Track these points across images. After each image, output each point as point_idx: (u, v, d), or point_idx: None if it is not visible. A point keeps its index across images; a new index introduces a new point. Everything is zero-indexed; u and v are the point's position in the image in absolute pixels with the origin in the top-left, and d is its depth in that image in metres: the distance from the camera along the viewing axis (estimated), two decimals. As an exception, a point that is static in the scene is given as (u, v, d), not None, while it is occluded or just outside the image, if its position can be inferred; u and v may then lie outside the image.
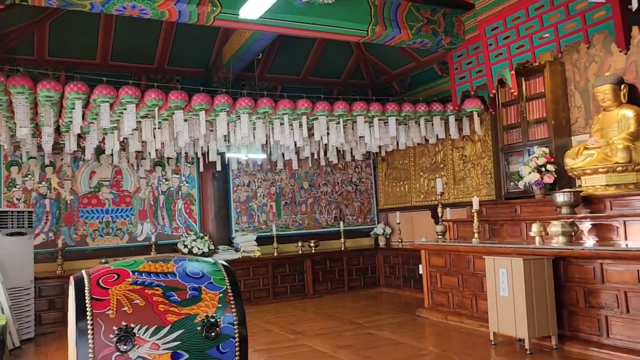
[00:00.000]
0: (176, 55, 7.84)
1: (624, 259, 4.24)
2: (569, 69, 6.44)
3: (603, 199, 5.20)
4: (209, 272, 2.54)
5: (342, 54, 8.98)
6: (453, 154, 8.30)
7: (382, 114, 6.77)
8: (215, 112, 5.83)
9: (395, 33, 6.29)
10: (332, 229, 9.59)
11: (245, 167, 8.94)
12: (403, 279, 8.83)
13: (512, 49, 5.65)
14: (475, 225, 6.05)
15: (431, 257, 6.55)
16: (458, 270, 6.07)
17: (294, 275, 8.66)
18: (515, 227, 5.94)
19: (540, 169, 6.12)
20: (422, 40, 6.50)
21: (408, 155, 9.33)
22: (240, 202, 8.90)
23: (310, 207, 9.48)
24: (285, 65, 8.60)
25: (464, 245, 5.93)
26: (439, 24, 6.60)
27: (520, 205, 6.15)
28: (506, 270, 4.82)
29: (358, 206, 9.96)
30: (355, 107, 6.51)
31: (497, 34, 5.82)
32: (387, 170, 9.92)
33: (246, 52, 7.03)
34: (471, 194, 7.85)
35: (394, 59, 8.82)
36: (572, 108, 6.43)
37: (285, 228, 9.22)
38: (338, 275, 9.02)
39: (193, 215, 8.55)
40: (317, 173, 9.59)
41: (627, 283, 4.28)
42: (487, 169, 7.60)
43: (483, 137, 7.69)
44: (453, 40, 6.71)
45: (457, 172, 8.14)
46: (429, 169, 8.84)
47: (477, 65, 6.63)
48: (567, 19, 5.01)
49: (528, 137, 6.64)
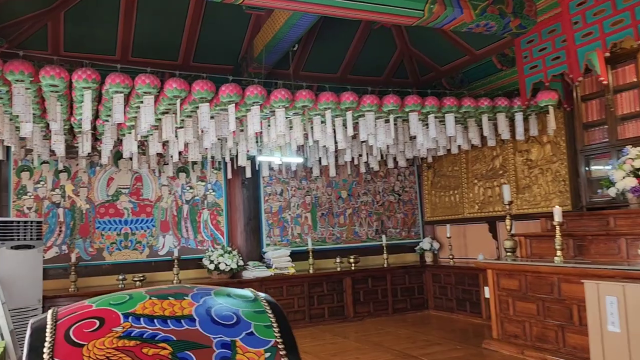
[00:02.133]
0: (203, 50, 7.03)
1: None
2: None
3: None
4: (247, 315, 1.59)
5: (385, 49, 8.06)
6: (515, 158, 7.25)
7: (439, 110, 5.79)
8: (246, 106, 4.95)
9: (456, 14, 5.33)
10: (373, 243, 8.60)
11: (277, 174, 8.05)
12: (457, 302, 7.76)
13: (605, 26, 4.63)
14: (558, 241, 5.00)
15: (500, 279, 5.50)
16: (537, 296, 5.02)
17: (332, 295, 7.69)
18: (610, 244, 4.86)
19: (638, 172, 5.06)
20: (487, 22, 5.51)
21: (459, 161, 8.30)
22: (272, 213, 7.99)
23: (349, 219, 8.52)
24: (322, 61, 7.71)
25: (547, 265, 4.88)
26: (506, 4, 5.61)
27: (613, 216, 5.08)
28: (617, 299, 3.77)
29: (401, 218, 8.95)
30: (408, 102, 5.54)
31: (585, 10, 4.81)
32: (434, 179, 8.90)
33: (280, 41, 6.15)
34: (539, 204, 6.80)
35: (444, 53, 7.85)
36: (672, 100, 5.36)
37: (321, 242, 8.27)
38: (381, 296, 8.02)
39: (220, 227, 7.68)
40: (356, 181, 8.63)
41: None
42: (560, 175, 6.53)
43: (554, 138, 6.63)
44: (523, 23, 5.71)
45: (521, 180, 7.08)
46: (485, 175, 7.80)
47: (553, 51, 5.60)
48: (687, -17, 4.00)
49: (617, 136, 5.57)
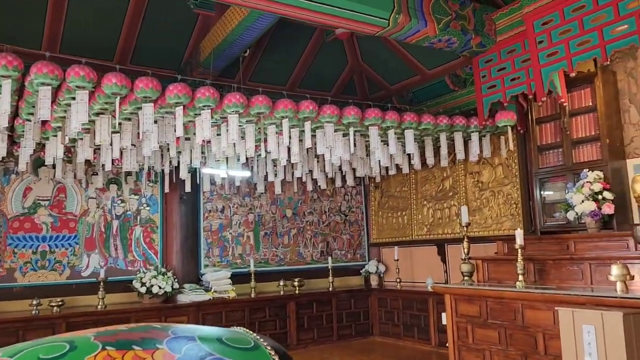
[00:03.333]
0: (142, 51, 6.41)
1: None
2: (621, 79, 5.42)
3: (700, 234, 4.08)
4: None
5: (336, 64, 7.80)
6: (466, 179, 7.13)
7: (398, 126, 5.52)
8: (195, 109, 4.43)
9: (420, 26, 5.12)
10: (318, 265, 8.18)
11: (219, 189, 7.47)
12: (404, 327, 7.47)
13: (571, 46, 4.56)
14: (520, 265, 4.81)
15: (459, 304, 5.24)
16: (499, 323, 4.78)
17: (275, 321, 7.17)
18: (573, 269, 4.72)
19: (596, 196, 4.99)
20: (450, 38, 5.35)
21: (408, 181, 8.12)
22: (211, 231, 7.39)
23: (294, 239, 8.06)
24: (270, 72, 7.29)
25: (511, 290, 4.66)
26: (468, 21, 5.49)
27: (573, 240, 4.97)
28: (594, 328, 3.57)
29: (347, 239, 8.61)
30: (368, 115, 5.24)
31: (550, 29, 4.73)
32: (382, 199, 8.66)
33: (231, 45, 5.69)
34: (490, 227, 6.69)
35: (395, 71, 7.70)
36: (625, 125, 5.39)
37: (264, 263, 7.74)
38: (326, 321, 7.59)
39: (154, 245, 6.98)
40: (302, 200, 8.22)
41: None
42: (512, 198, 6.45)
43: (505, 160, 6.56)
44: (483, 41, 5.60)
45: (472, 202, 6.95)
46: (435, 197, 7.64)
47: (512, 71, 5.52)
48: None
49: (572, 160, 5.53)
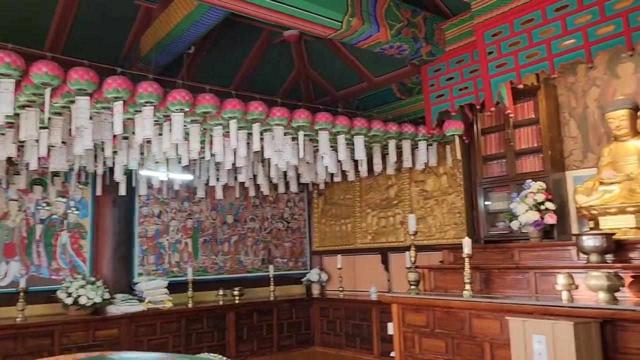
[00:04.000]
0: (76, 41, 5.91)
1: None
2: (562, 94, 5.60)
3: (639, 245, 4.21)
4: None
5: (283, 67, 7.61)
6: (411, 188, 7.14)
7: (348, 131, 5.41)
8: (136, 106, 4.10)
9: (372, 30, 5.04)
10: (259, 273, 7.92)
11: (156, 193, 7.06)
12: (346, 337, 7.34)
13: (520, 58, 4.63)
14: (467, 274, 4.81)
15: (406, 314, 5.17)
16: (447, 332, 4.74)
17: (213, 333, 6.83)
18: (519, 278, 4.77)
19: (539, 206, 5.10)
20: (401, 45, 5.31)
21: (352, 189, 8.04)
22: (147, 237, 6.96)
23: (234, 247, 7.76)
24: (215, 72, 6.98)
25: (460, 300, 4.63)
26: (419, 29, 5.49)
27: (518, 249, 5.04)
28: (545, 337, 3.57)
29: (289, 247, 8.40)
30: (319, 119, 5.09)
31: (500, 40, 4.79)
32: (325, 206, 8.53)
33: (176, 40, 5.39)
34: (434, 236, 6.71)
35: (341, 77, 7.61)
36: (565, 138, 5.56)
37: (203, 272, 7.39)
38: (267, 332, 7.33)
39: (82, 253, 6.46)
40: (243, 205, 7.94)
41: None
42: (456, 207, 6.49)
43: (450, 170, 6.62)
44: (433, 50, 5.62)
45: (416, 210, 6.95)
46: (380, 205, 7.59)
47: (460, 81, 5.57)
48: (603, 21, 4.08)
49: (516, 170, 5.64)
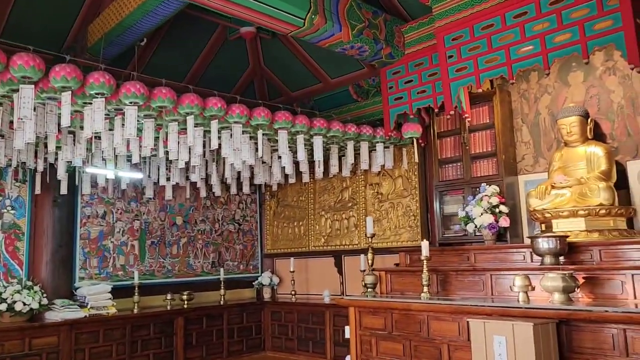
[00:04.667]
0: (16, 26, 5.51)
1: (667, 324, 3.29)
2: (515, 100, 5.75)
3: (590, 247, 4.34)
4: None
5: (237, 64, 7.42)
6: (366, 191, 7.13)
7: (308, 131, 5.32)
8: (85, 97, 3.83)
9: (335, 30, 4.98)
10: (209, 277, 7.67)
11: (101, 193, 6.68)
12: (298, 341, 7.22)
13: (480, 63, 4.69)
14: (425, 276, 4.81)
15: (363, 317, 5.11)
16: (405, 335, 4.72)
17: (160, 339, 6.53)
18: (475, 280, 4.82)
19: (494, 210, 5.19)
20: (362, 45, 5.28)
21: (306, 191, 7.95)
22: (90, 239, 6.57)
23: (184, 249, 7.47)
24: (166, 66, 6.67)
25: (419, 302, 4.62)
26: (380, 30, 5.47)
27: (474, 252, 5.10)
28: (505, 339, 3.60)
29: (240, 250, 8.20)
30: (278, 118, 4.96)
31: (460, 44, 4.84)
32: (277, 208, 8.39)
33: (127, 31, 5.11)
34: (389, 239, 6.73)
35: (297, 77, 7.52)
36: (518, 143, 5.70)
37: (150, 275, 7.06)
38: (216, 337, 7.09)
39: (19, 255, 6.01)
40: (194, 207, 7.66)
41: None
42: (411, 210, 6.53)
43: (405, 173, 6.65)
44: (393, 52, 5.62)
45: (371, 213, 6.94)
46: (333, 208, 7.54)
47: (419, 84, 5.59)
48: (560, 29, 4.19)
49: (471, 174, 5.72)
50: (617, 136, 5.00)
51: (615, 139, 5.01)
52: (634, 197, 4.80)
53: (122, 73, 5.12)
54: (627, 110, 4.96)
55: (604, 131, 5.08)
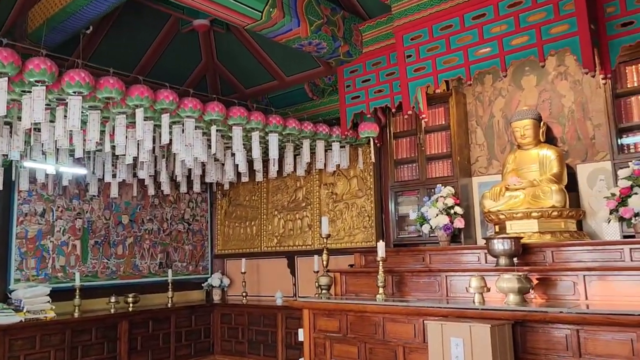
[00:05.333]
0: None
1: (618, 325, 3.34)
2: (470, 102, 5.80)
3: (543, 248, 4.40)
4: None
5: (189, 58, 7.16)
6: (320, 190, 7.03)
7: (263, 128, 5.16)
8: (24, 85, 3.53)
9: (293, 25, 4.86)
10: (156, 278, 7.36)
11: (40, 189, 6.26)
12: (249, 344, 7.04)
13: (438, 63, 4.68)
14: (381, 277, 4.75)
15: (317, 319, 5.00)
16: (360, 337, 4.64)
17: (103, 345, 6.19)
18: (430, 281, 4.80)
19: (449, 211, 5.20)
20: (320, 42, 5.18)
21: (259, 190, 7.77)
22: (27, 238, 6.14)
23: (129, 249, 7.13)
24: (115, 56, 6.34)
25: (375, 304, 4.55)
26: (338, 27, 5.39)
27: (429, 253, 5.08)
28: (462, 340, 3.57)
29: (189, 250, 7.92)
30: (233, 113, 4.78)
31: (419, 44, 4.81)
32: (229, 208, 8.17)
33: (72, 17, 4.78)
34: (343, 239, 6.66)
35: (251, 74, 7.33)
36: (472, 145, 5.75)
37: (92, 277, 6.69)
38: (163, 341, 6.81)
39: (-55, 256, 5.55)
40: (141, 205, 7.33)
41: (612, 356, 3.38)
42: (365, 210, 6.48)
43: (361, 173, 6.60)
44: (350, 50, 5.55)
45: (325, 213, 6.84)
46: (287, 207, 7.40)
47: (376, 83, 5.55)
48: (517, 32, 4.23)
49: (426, 175, 5.73)
50: (568, 140, 5.12)
51: (565, 143, 5.13)
52: (582, 199, 4.92)
53: (66, 61, 4.79)
54: (577, 115, 5.08)
55: (555, 135, 5.19)
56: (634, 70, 4.58)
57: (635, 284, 3.83)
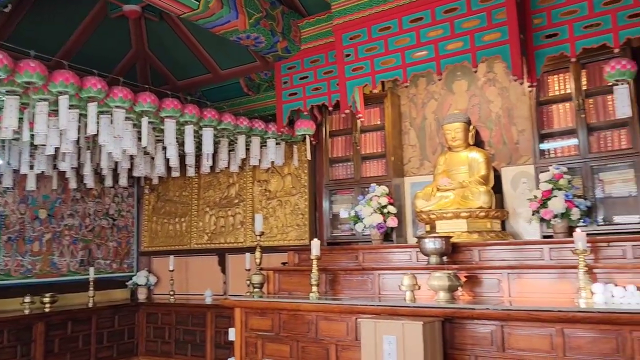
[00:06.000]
0: None
1: (539, 320, 3.52)
2: (404, 104, 5.92)
3: (470, 247, 4.57)
4: None
5: (119, 44, 6.80)
6: (254, 187, 6.92)
7: (197, 122, 4.99)
8: None
9: (231, 16, 4.74)
10: (77, 277, 6.95)
11: (-55, 180, 5.73)
12: (176, 345, 6.81)
13: (376, 64, 4.73)
14: (315, 276, 4.75)
15: (249, 318, 4.91)
16: (292, 336, 4.61)
17: (15, 348, 5.77)
18: (363, 279, 4.86)
19: (383, 210, 5.28)
20: (258, 36, 5.09)
21: (190, 186, 7.54)
22: None
23: (47, 246, 6.68)
24: (36, 38, 5.87)
25: (309, 302, 4.53)
26: (277, 22, 5.32)
27: (362, 251, 5.14)
28: (395, 338, 3.63)
29: (114, 247, 7.55)
30: (166, 105, 4.59)
31: (358, 44, 4.84)
32: (157, 203, 7.87)
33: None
34: (275, 237, 6.59)
35: (185, 65, 7.09)
36: (405, 146, 5.87)
37: (5, 276, 6.20)
38: (83, 343, 6.44)
39: None
40: (61, 199, 6.89)
41: (534, 350, 3.56)
42: (299, 208, 6.45)
43: (295, 170, 6.56)
44: (289, 46, 5.50)
45: (258, 210, 6.75)
46: (219, 204, 7.22)
47: (314, 81, 5.53)
48: (452, 37, 4.35)
49: (361, 174, 5.78)
50: (494, 144, 5.35)
51: (492, 146, 5.35)
52: (506, 201, 5.16)
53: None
54: (504, 120, 5.32)
55: (483, 138, 5.40)
56: (556, 79, 4.85)
57: (554, 282, 4.07)
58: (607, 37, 4.07)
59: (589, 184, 4.52)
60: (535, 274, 4.15)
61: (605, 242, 4.11)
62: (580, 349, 3.38)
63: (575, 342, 3.40)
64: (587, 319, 3.36)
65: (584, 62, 4.64)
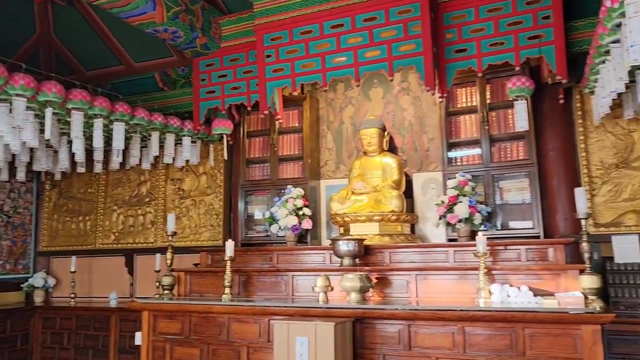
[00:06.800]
0: None
1: (442, 319, 3.70)
2: (322, 107, 6.01)
3: (382, 249, 4.72)
4: None
5: (21, 28, 6.32)
6: (166, 186, 6.69)
7: (108, 116, 4.75)
8: None
9: (148, 7, 4.57)
10: (-37, 278, 6.35)
11: None
12: (75, 350, 6.40)
13: (296, 67, 4.76)
14: (228, 277, 4.69)
15: (158, 321, 4.74)
16: (203, 339, 4.51)
17: None
18: (276, 280, 4.85)
19: (298, 212, 5.32)
20: (177, 30, 4.95)
21: (97, 182, 7.15)
22: None
23: None
24: None
25: (222, 304, 4.45)
26: (197, 18, 5.20)
27: (277, 253, 5.14)
28: (308, 339, 3.66)
29: (8, 246, 6.97)
30: (74, 96, 4.33)
31: (279, 46, 4.85)
32: (59, 200, 7.38)
33: None
34: (188, 238, 6.42)
35: (94, 55, 6.71)
36: (322, 149, 5.96)
37: None
38: (-33, 352, 5.90)
39: None
40: (-53, 192, 6.27)
41: (437, 347, 3.75)
42: (213, 209, 6.32)
43: (210, 170, 6.43)
44: (208, 43, 5.39)
45: (170, 210, 6.53)
46: (128, 202, 6.91)
47: (233, 80, 5.47)
48: (371, 46, 4.48)
49: (277, 175, 5.79)
50: (407, 150, 5.58)
51: (405, 153, 5.58)
52: (416, 205, 5.39)
53: None
54: (416, 128, 5.56)
55: (396, 144, 5.61)
56: (464, 92, 5.16)
57: (457, 282, 4.31)
58: (510, 56, 4.39)
59: (490, 191, 4.85)
60: (441, 275, 4.38)
61: (503, 246, 4.42)
62: (478, 345, 3.60)
63: (475, 339, 3.62)
64: (485, 318, 3.59)
65: (488, 77, 4.97)
